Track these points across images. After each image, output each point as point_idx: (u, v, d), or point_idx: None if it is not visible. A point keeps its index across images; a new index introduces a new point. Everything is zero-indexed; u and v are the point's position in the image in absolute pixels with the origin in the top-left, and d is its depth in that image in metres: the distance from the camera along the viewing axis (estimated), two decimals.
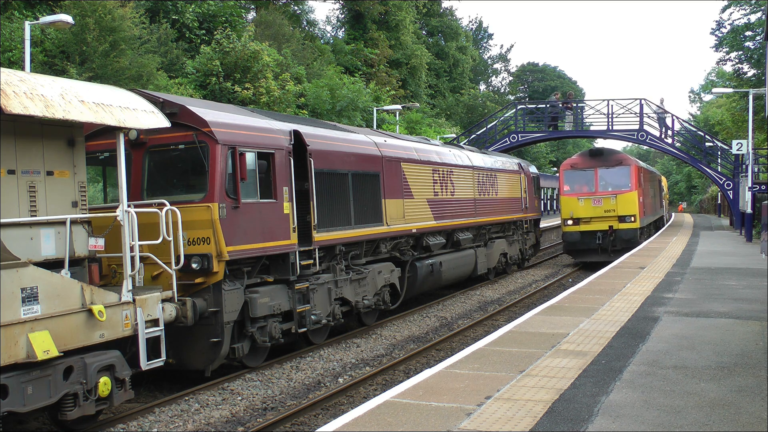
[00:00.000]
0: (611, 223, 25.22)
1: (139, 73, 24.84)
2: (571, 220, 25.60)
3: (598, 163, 26.17)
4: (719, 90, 34.81)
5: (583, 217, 25.45)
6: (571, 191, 26.06)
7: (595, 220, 25.38)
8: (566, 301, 12.54)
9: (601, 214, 25.30)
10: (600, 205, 25.36)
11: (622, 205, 25.24)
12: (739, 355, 8.30)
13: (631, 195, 25.43)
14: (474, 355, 8.60)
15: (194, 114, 10.89)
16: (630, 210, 25.24)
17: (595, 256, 25.62)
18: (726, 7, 33.95)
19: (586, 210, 25.44)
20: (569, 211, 25.73)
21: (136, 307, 8.99)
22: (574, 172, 26.35)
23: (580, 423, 6.01)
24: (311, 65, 40.54)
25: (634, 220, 25.16)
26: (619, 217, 25.19)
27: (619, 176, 25.87)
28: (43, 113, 7.70)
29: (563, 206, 26.17)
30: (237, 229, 10.91)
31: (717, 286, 14.18)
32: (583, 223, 25.44)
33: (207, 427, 9.37)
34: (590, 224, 25.42)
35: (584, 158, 26.85)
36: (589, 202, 25.45)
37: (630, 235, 25.08)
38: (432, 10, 62.24)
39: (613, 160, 26.25)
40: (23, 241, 8.05)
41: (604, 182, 25.95)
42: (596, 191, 25.71)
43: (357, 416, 6.39)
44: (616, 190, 25.50)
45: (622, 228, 25.13)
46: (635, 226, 25.26)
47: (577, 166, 26.43)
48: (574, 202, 25.69)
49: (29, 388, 7.65)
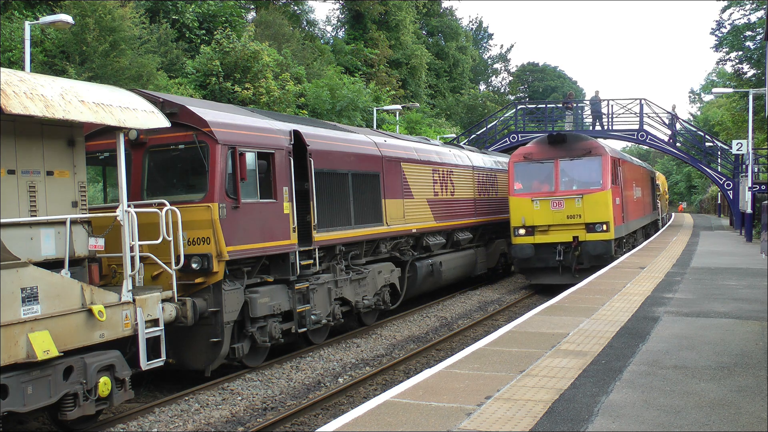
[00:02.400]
0: (576, 233, 19.25)
1: (139, 73, 24.84)
2: (522, 228, 19.58)
3: (559, 152, 20.07)
4: (719, 90, 34.82)
5: (538, 225, 19.50)
6: (523, 190, 20.06)
7: (555, 229, 19.42)
8: (566, 301, 12.54)
9: (563, 220, 19.36)
10: (561, 209, 19.33)
11: (590, 209, 19.18)
12: (739, 355, 8.30)
13: (602, 195, 19.37)
14: (474, 355, 8.60)
15: (194, 114, 10.89)
16: (601, 215, 19.18)
17: (555, 276, 19.76)
18: (726, 7, 33.95)
19: (542, 215, 19.48)
20: (520, 216, 19.63)
21: (136, 307, 8.99)
22: (527, 165, 20.29)
23: (580, 423, 6.01)
24: (311, 65, 40.54)
25: (606, 229, 19.14)
26: (587, 225, 19.21)
27: (588, 170, 19.91)
28: (43, 113, 7.70)
29: (513, 210, 19.93)
30: (237, 229, 10.91)
31: (717, 286, 14.18)
32: (539, 233, 19.52)
33: (207, 427, 9.37)
34: (548, 234, 19.49)
35: (541, 146, 20.54)
36: (547, 204, 19.41)
37: (601, 249, 19.05)
38: (432, 10, 62.23)
39: (580, 149, 20.09)
40: (23, 241, 8.05)
41: (568, 178, 20.02)
42: (556, 190, 19.70)
43: (357, 416, 6.39)
44: (582, 189, 19.56)
45: (590, 240, 19.14)
46: (608, 237, 19.21)
47: (532, 156, 20.29)
48: (527, 205, 19.57)
49: (29, 388, 7.65)
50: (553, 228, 19.47)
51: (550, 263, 19.61)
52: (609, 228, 19.26)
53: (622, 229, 21.52)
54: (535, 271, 20.22)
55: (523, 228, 19.61)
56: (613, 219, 19.47)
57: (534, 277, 20.47)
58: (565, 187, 19.85)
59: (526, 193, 19.91)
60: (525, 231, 19.60)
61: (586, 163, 19.94)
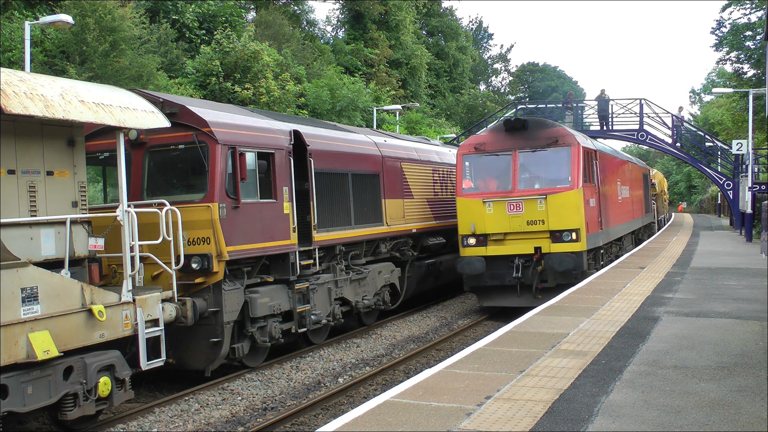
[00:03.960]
0: (538, 243, 15.69)
1: (139, 73, 24.84)
2: (472, 237, 16.00)
3: (518, 142, 16.28)
4: (719, 90, 34.82)
5: (492, 234, 15.90)
6: (473, 189, 16.44)
7: (513, 238, 15.84)
8: (566, 301, 12.54)
9: (522, 227, 15.72)
10: (519, 213, 15.71)
11: (556, 213, 15.55)
12: (739, 355, 8.30)
13: (570, 196, 15.63)
14: (474, 355, 8.60)
15: (194, 114, 10.89)
16: (569, 221, 15.58)
17: (511, 297, 16.17)
18: (726, 7, 33.95)
19: (496, 221, 15.84)
20: (469, 222, 15.98)
21: (136, 307, 8.99)
22: (479, 158, 16.59)
23: (580, 423, 6.01)
24: (311, 65, 40.54)
25: (576, 238, 15.53)
26: (553, 234, 15.62)
27: (554, 164, 16.26)
28: (43, 113, 7.70)
29: (460, 214, 16.24)
30: (237, 229, 10.91)
31: (717, 286, 14.18)
32: (493, 243, 15.92)
33: (207, 427, 9.37)
34: (504, 245, 15.90)
35: (496, 135, 16.73)
36: (502, 207, 15.79)
37: (568, 263, 15.36)
38: (432, 10, 62.23)
39: (544, 138, 16.22)
40: (23, 241, 8.05)
41: (528, 174, 16.39)
42: (514, 189, 15.91)
43: (357, 416, 6.39)
44: (546, 188, 15.87)
45: (556, 252, 15.53)
46: (578, 248, 15.56)
47: (485, 147, 16.52)
48: (478, 208, 15.92)
49: (29, 388, 7.65)
50: (511, 237, 15.86)
51: (506, 281, 15.94)
52: (579, 237, 15.58)
53: (599, 237, 17.61)
54: (488, 290, 16.48)
55: (473, 237, 16.00)
56: (585, 225, 15.86)
57: (486, 298, 16.69)
58: (525, 185, 16.09)
59: (476, 192, 16.29)
60: (475, 240, 15.98)
61: (551, 155, 16.15)
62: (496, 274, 16.06)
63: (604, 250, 18.88)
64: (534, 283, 15.89)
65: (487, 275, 16.06)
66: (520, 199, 15.73)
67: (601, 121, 32.71)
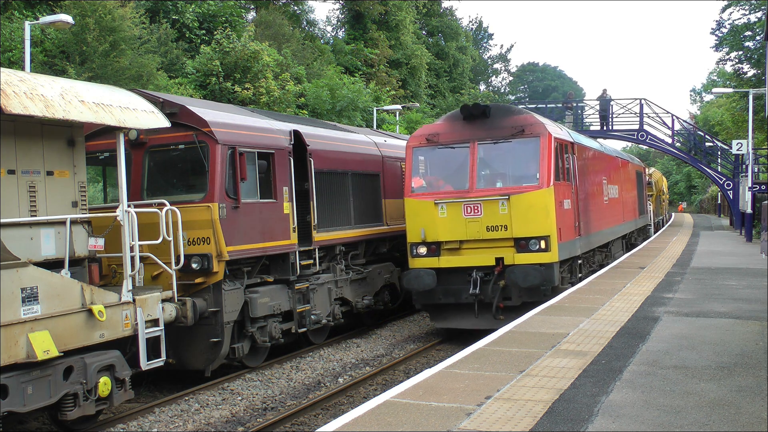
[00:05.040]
0: (500, 254, 13.21)
1: (139, 73, 24.83)
2: (422, 245, 13.57)
3: (477, 132, 13.77)
4: (719, 90, 34.83)
5: (445, 241, 13.45)
6: (424, 189, 13.94)
7: (470, 247, 13.39)
8: (566, 301, 12.54)
9: (480, 234, 13.22)
10: (478, 217, 13.21)
11: (521, 217, 13.05)
12: (739, 355, 8.30)
13: (538, 196, 13.13)
14: (474, 355, 8.60)
15: (194, 114, 10.90)
16: (537, 226, 13.09)
17: (468, 318, 13.66)
18: (726, 7, 33.96)
19: (451, 226, 13.35)
20: (419, 227, 13.53)
21: (136, 307, 9.00)
22: (431, 151, 14.16)
23: (580, 423, 6.01)
24: (311, 65, 40.53)
25: (545, 247, 13.07)
26: (517, 242, 13.15)
27: (519, 158, 13.86)
28: (43, 113, 7.70)
29: (409, 218, 13.79)
30: (237, 229, 10.91)
31: (717, 286, 14.18)
32: (447, 253, 13.48)
33: (207, 427, 9.37)
34: (459, 255, 13.45)
35: (453, 124, 14.17)
36: (458, 210, 13.29)
37: (534, 277, 12.86)
38: (432, 10, 62.22)
39: (508, 127, 13.65)
40: (23, 241, 8.05)
41: (489, 170, 13.97)
42: (471, 188, 13.43)
43: (357, 416, 6.39)
44: (510, 187, 13.37)
45: (520, 264, 13.05)
46: (548, 259, 13.08)
47: (438, 138, 14.02)
48: (429, 211, 13.46)
49: (29, 388, 7.66)
50: (468, 245, 13.38)
51: (462, 298, 13.37)
52: (549, 245, 13.06)
53: (576, 245, 14.97)
54: (441, 309, 13.89)
55: (424, 245, 13.53)
56: (557, 231, 13.28)
57: (440, 318, 14.05)
58: (485, 183, 13.63)
59: (427, 192, 13.75)
60: (426, 250, 13.53)
61: (516, 147, 13.65)
62: (450, 289, 13.48)
63: (583, 260, 16.30)
64: (494, 301, 13.30)
65: (440, 291, 13.49)
66: (478, 201, 13.22)
67: (602, 121, 32.73)
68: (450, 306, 13.78)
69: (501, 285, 13.27)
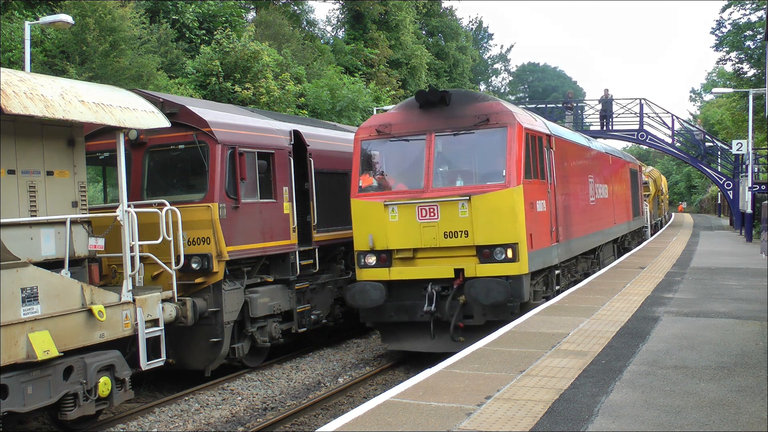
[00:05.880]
0: (460, 264, 11.40)
1: (139, 73, 24.83)
2: (371, 254, 11.81)
3: (435, 121, 11.91)
4: (719, 90, 34.84)
5: (397, 249, 11.66)
6: (373, 188, 12.18)
7: (425, 256, 11.63)
8: (566, 301, 12.54)
9: (438, 241, 11.44)
10: (434, 221, 11.41)
11: (484, 221, 11.26)
12: (739, 355, 8.30)
13: (504, 197, 11.31)
14: (474, 355, 8.60)
15: (194, 114, 10.90)
16: (502, 232, 11.28)
17: (423, 340, 11.78)
18: (726, 7, 33.96)
19: (403, 232, 11.57)
20: (367, 233, 11.81)
21: (136, 307, 9.00)
22: (382, 144, 12.34)
23: (580, 423, 6.00)
24: (311, 65, 40.53)
25: (512, 256, 11.25)
26: (479, 250, 11.32)
27: (483, 151, 11.99)
28: (43, 113, 7.70)
29: (356, 222, 12.09)
30: (237, 229, 10.91)
31: (717, 286, 14.18)
32: (399, 263, 11.70)
33: (207, 427, 9.38)
34: (413, 265, 11.64)
35: (408, 113, 12.27)
36: (411, 213, 11.51)
37: (498, 293, 11.00)
38: (432, 10, 62.22)
39: (471, 115, 11.75)
40: (23, 241, 8.06)
41: (448, 167, 12.20)
42: (427, 187, 11.65)
43: (357, 416, 6.39)
44: (471, 186, 11.58)
45: (483, 276, 11.20)
46: (515, 271, 11.28)
47: (390, 129, 12.12)
48: (378, 214, 11.71)
49: (29, 388, 7.66)
50: (423, 254, 11.58)
51: (417, 315, 11.52)
52: (517, 254, 11.22)
53: (553, 253, 13.07)
54: (394, 328, 12.05)
55: (373, 254, 11.75)
56: (528, 238, 11.51)
57: (392, 338, 12.18)
58: (443, 182, 11.86)
59: (377, 192, 11.97)
60: (376, 259, 11.75)
61: (480, 139, 11.77)
62: (403, 306, 11.66)
63: (562, 270, 14.34)
64: (453, 320, 11.34)
65: (391, 308, 11.68)
66: (434, 202, 11.38)
67: (602, 121, 32.75)
68: (404, 324, 11.88)
69: (461, 301, 11.34)
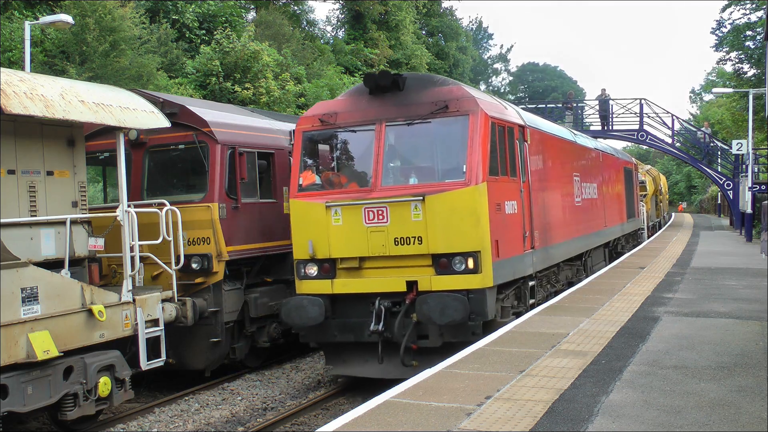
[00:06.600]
0: (413, 275, 9.77)
1: (139, 73, 24.83)
2: (312, 263, 10.14)
3: (386, 110, 10.24)
4: (719, 90, 34.87)
5: (341, 258, 10.03)
6: (316, 187, 10.45)
7: (373, 266, 9.98)
8: (566, 301, 12.53)
9: (387, 248, 9.79)
10: (383, 225, 9.77)
11: (441, 226, 9.65)
12: (739, 355, 8.30)
13: (463, 197, 9.64)
14: (474, 355, 8.60)
15: (194, 114, 10.90)
16: (462, 238, 9.64)
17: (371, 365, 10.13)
18: (726, 7, 33.98)
19: (347, 238, 9.93)
20: (306, 238, 10.10)
21: (136, 307, 9.00)
22: (326, 135, 10.73)
23: (580, 423, 6.00)
24: (311, 65, 40.54)
25: (473, 267, 9.60)
26: (435, 259, 9.73)
27: (441, 144, 10.46)
28: (43, 113, 7.71)
29: (295, 225, 10.30)
30: (237, 229, 10.91)
31: (717, 286, 14.17)
32: (344, 273, 10.06)
33: (207, 427, 9.38)
34: (359, 277, 9.99)
35: (356, 100, 10.60)
36: (356, 215, 9.88)
37: (455, 311, 9.31)
38: (432, 10, 62.22)
39: (427, 102, 10.07)
40: (23, 241, 8.06)
41: (401, 162, 10.72)
42: (375, 186, 10.00)
43: (357, 416, 6.39)
44: (426, 185, 9.99)
45: (437, 291, 9.57)
46: (478, 284, 9.62)
47: (334, 119, 10.47)
48: (318, 217, 10.04)
49: (29, 388, 7.66)
50: (371, 264, 9.94)
51: (364, 335, 9.85)
52: (480, 264, 9.58)
53: (526, 261, 11.25)
54: (339, 348, 10.38)
55: (314, 263, 10.10)
56: (492, 245, 9.76)
57: (337, 361, 10.52)
58: (394, 179, 10.26)
59: (319, 192, 10.26)
60: (317, 269, 10.09)
61: (437, 129, 10.17)
62: (348, 324, 9.99)
63: (540, 280, 12.66)
64: (403, 341, 9.64)
65: (335, 326, 10.02)
66: (383, 203, 9.69)
67: (602, 121, 32.75)
68: (352, 344, 10.16)
69: (413, 319, 9.63)
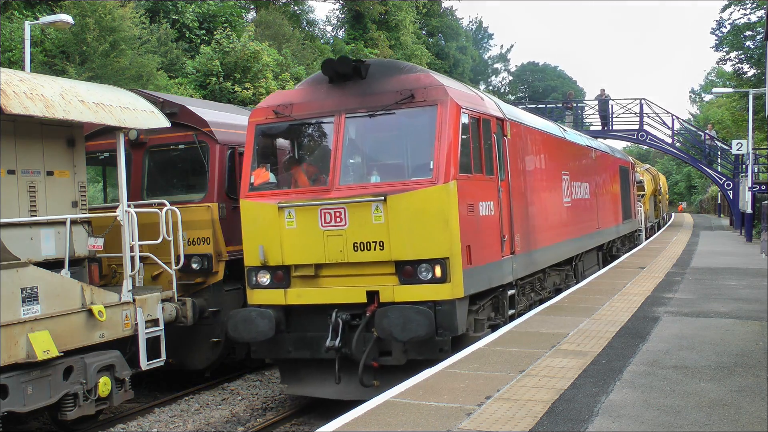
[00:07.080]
0: (375, 284, 8.78)
1: (139, 73, 24.83)
2: (264, 270, 9.28)
3: (346, 99, 9.26)
4: (719, 90, 34.88)
5: (296, 265, 9.12)
6: (269, 186, 9.60)
7: (331, 274, 9.02)
8: (566, 301, 12.53)
9: (345, 254, 8.81)
10: (341, 228, 8.78)
11: (405, 229, 8.61)
12: (739, 355, 8.30)
13: (430, 196, 8.58)
14: (474, 355, 8.59)
15: (194, 114, 10.90)
16: (428, 243, 8.57)
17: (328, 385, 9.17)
18: (726, 7, 33.98)
19: (302, 242, 8.99)
20: (257, 243, 9.25)
21: (136, 307, 9.00)
22: (281, 128, 9.84)
23: (580, 423, 6.00)
24: (311, 65, 40.53)
25: (440, 276, 8.54)
26: (399, 267, 8.71)
27: (406, 138, 9.55)
28: (43, 113, 7.71)
29: (245, 229, 9.52)
30: (237, 229, 10.89)
31: (717, 286, 14.17)
32: (298, 282, 9.14)
33: (207, 427, 9.38)
34: (315, 286, 9.04)
35: (314, 89, 9.61)
36: (312, 218, 8.91)
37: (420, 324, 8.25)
38: (432, 10, 62.23)
39: (391, 91, 9.01)
40: (23, 241, 8.06)
41: (362, 158, 9.67)
42: (332, 185, 8.98)
43: (357, 416, 6.39)
44: (388, 183, 8.91)
45: (400, 303, 8.54)
46: (446, 294, 8.55)
47: (290, 111, 9.50)
48: (270, 219, 9.18)
49: (29, 388, 7.66)
50: (328, 272, 9.04)
51: (320, 351, 8.94)
52: (448, 273, 8.60)
53: (504, 268, 10.27)
54: (296, 365, 9.47)
55: (266, 271, 9.26)
56: (463, 250, 8.76)
57: (293, 380, 9.58)
58: (354, 177, 9.38)
59: (272, 192, 9.42)
60: (269, 278, 9.24)
61: (402, 122, 9.27)
62: (304, 338, 9.10)
63: (522, 288, 11.65)
64: (362, 359, 8.72)
65: (290, 341, 9.15)
66: (341, 204, 8.77)
67: (603, 121, 32.75)
68: (305, 363, 9.33)
69: (374, 333, 8.72)
